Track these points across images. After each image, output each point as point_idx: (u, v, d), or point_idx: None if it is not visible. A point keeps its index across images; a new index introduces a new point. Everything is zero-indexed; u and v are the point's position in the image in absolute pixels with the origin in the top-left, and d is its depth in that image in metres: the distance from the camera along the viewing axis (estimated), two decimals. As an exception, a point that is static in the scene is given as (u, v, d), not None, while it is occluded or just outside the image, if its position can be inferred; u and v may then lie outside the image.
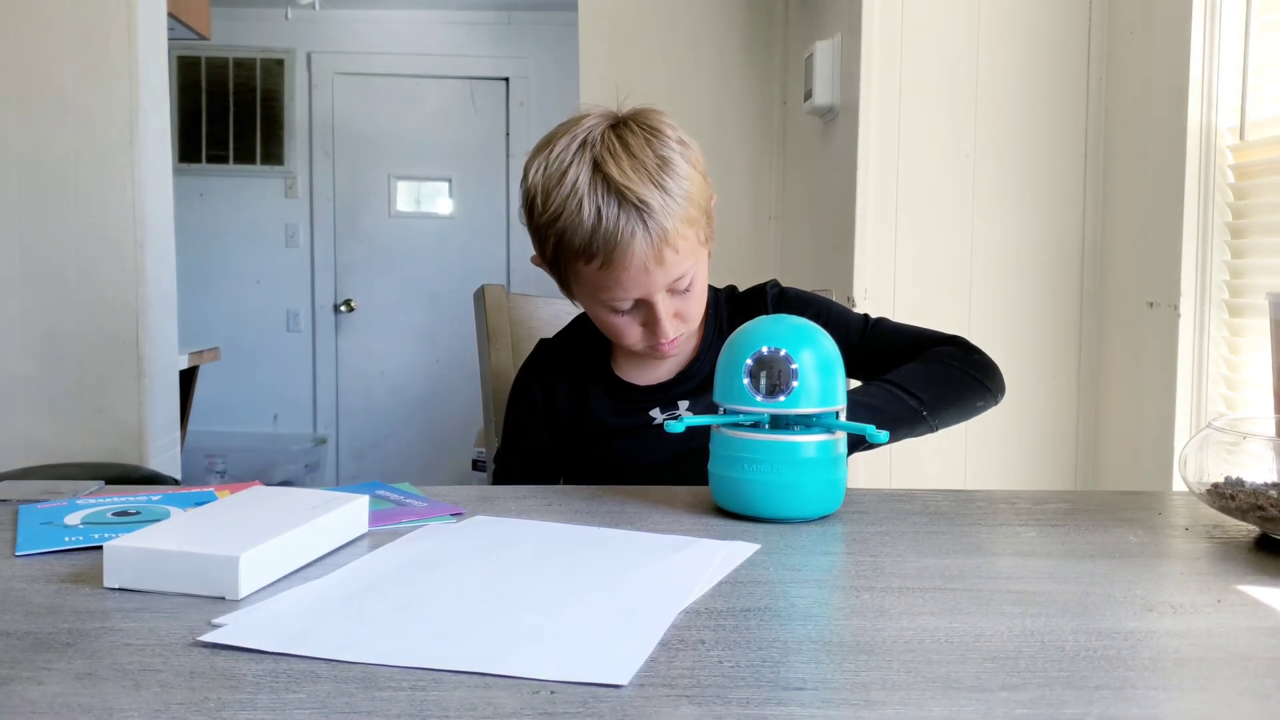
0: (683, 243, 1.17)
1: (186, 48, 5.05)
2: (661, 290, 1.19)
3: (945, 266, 2.19)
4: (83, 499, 0.98)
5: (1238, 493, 0.88)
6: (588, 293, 1.22)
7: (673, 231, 1.15)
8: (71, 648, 0.62)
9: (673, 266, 1.18)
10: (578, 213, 1.15)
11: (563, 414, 1.32)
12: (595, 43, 2.95)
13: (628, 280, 1.17)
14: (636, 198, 1.14)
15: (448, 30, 5.30)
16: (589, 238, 1.15)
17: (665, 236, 1.15)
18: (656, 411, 1.28)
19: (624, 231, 1.14)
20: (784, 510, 0.94)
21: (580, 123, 1.20)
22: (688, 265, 1.20)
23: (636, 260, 1.15)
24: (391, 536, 0.87)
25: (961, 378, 1.22)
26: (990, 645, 0.63)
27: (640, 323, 1.22)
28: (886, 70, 2.17)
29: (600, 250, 1.15)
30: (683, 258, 1.18)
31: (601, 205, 1.14)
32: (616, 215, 1.14)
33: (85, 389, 2.59)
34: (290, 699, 0.54)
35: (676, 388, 1.30)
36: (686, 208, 1.17)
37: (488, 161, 5.39)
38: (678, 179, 1.17)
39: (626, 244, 1.14)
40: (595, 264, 1.16)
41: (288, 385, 5.39)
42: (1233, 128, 1.76)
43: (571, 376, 1.33)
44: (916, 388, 1.17)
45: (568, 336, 1.38)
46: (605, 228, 1.14)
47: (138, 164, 2.57)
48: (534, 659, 0.60)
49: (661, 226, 1.15)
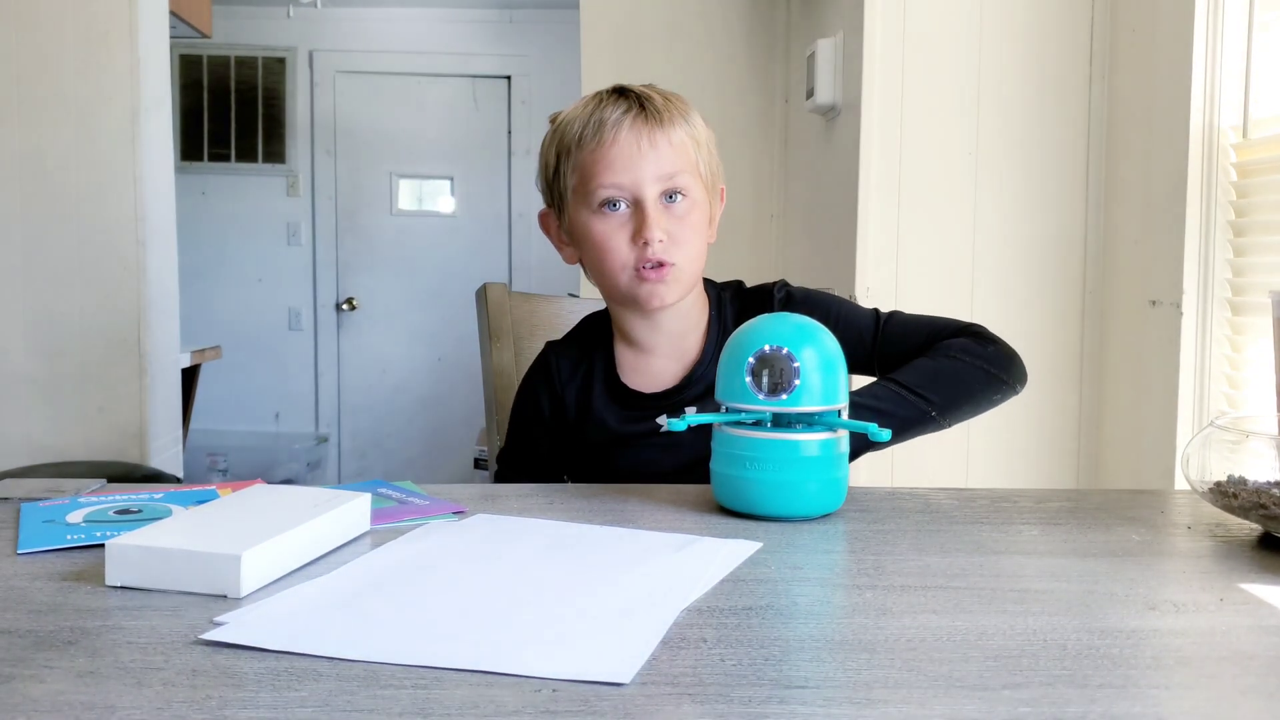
0: (680, 147, 1.22)
1: (188, 46, 5.05)
2: (651, 182, 1.20)
3: (947, 265, 2.19)
4: (85, 497, 0.98)
5: (1240, 491, 0.88)
6: (581, 197, 1.23)
7: (668, 124, 1.21)
8: (73, 646, 0.62)
9: (666, 157, 1.20)
10: (583, 108, 1.23)
11: (568, 418, 1.31)
12: (597, 41, 2.95)
13: (616, 156, 1.19)
14: (638, 91, 1.23)
15: (450, 28, 5.30)
16: (586, 120, 1.21)
17: (661, 123, 1.20)
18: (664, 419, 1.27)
19: (619, 108, 1.21)
20: (786, 508, 0.94)
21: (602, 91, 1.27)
22: (678, 170, 1.21)
23: (626, 134, 1.19)
24: (393, 535, 0.87)
25: (974, 372, 1.18)
26: (992, 644, 0.63)
27: (628, 234, 1.20)
28: (888, 68, 2.17)
29: (594, 128, 1.20)
30: (677, 155, 1.21)
31: (604, 96, 1.23)
32: (617, 100, 1.22)
33: (87, 387, 2.59)
34: (292, 697, 0.54)
35: (683, 393, 1.26)
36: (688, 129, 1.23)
37: (490, 160, 5.39)
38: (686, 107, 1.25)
39: (618, 119, 1.20)
40: (590, 146, 1.20)
41: (290, 384, 5.39)
42: (1235, 126, 1.76)
43: (577, 381, 1.31)
44: (924, 388, 1.14)
45: (573, 340, 1.36)
46: (603, 108, 1.21)
47: (139, 162, 2.57)
48: (536, 657, 0.60)
49: (658, 112, 1.21)
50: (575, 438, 1.31)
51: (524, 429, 1.35)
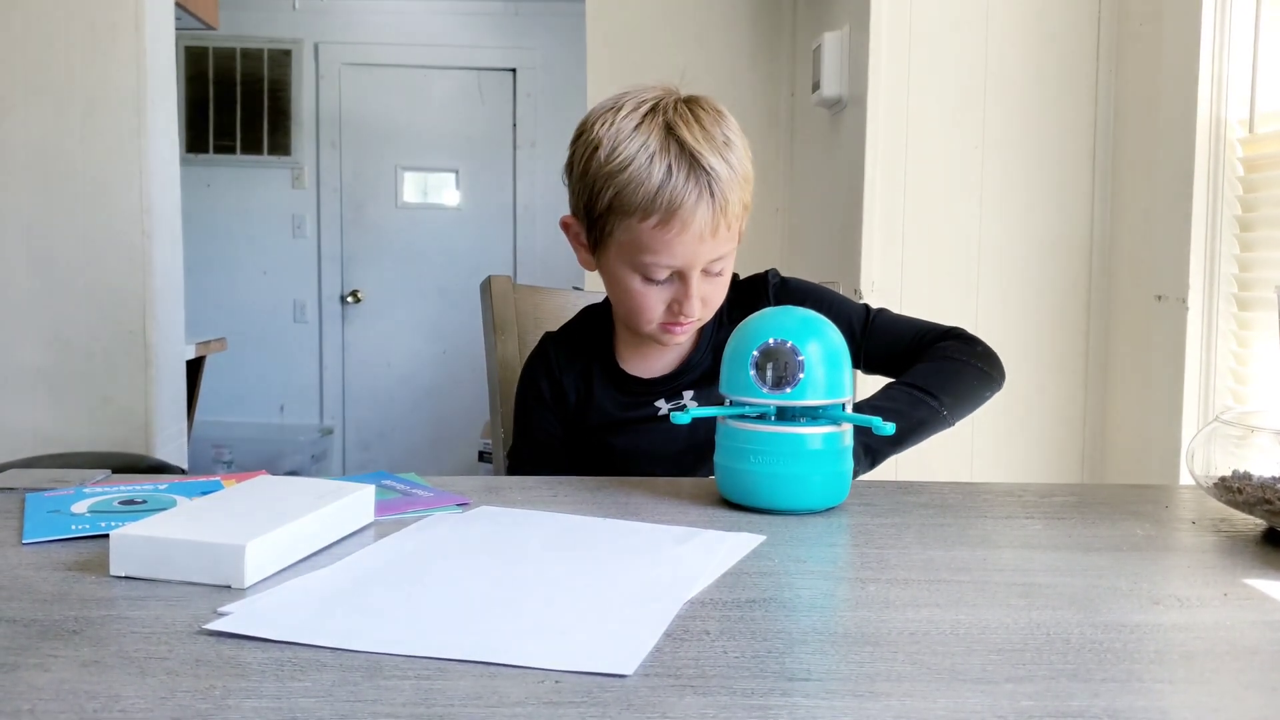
0: (734, 222, 1.19)
1: (194, 38, 5.05)
2: (703, 264, 1.19)
3: (953, 259, 2.19)
4: (89, 488, 0.99)
5: (1245, 486, 0.88)
6: (626, 255, 1.20)
7: (732, 205, 1.17)
8: (78, 635, 0.62)
9: (722, 242, 1.19)
10: (647, 167, 1.15)
11: (570, 405, 1.32)
12: (602, 33, 2.95)
13: (680, 245, 1.17)
14: (707, 164, 1.15)
15: (455, 21, 5.29)
16: (654, 193, 1.15)
17: (725, 208, 1.16)
18: (662, 403, 1.29)
19: (690, 193, 1.15)
20: (789, 502, 0.94)
21: (646, 90, 1.22)
22: (729, 247, 1.21)
23: (696, 225, 1.15)
24: (397, 526, 0.87)
25: (972, 372, 1.24)
26: (996, 637, 0.63)
27: (666, 299, 1.21)
28: (895, 62, 2.16)
29: (663, 208, 1.15)
30: (731, 237, 1.20)
31: (674, 164, 1.15)
32: (686, 176, 1.15)
33: (92, 378, 2.59)
34: (295, 687, 0.55)
35: (681, 378, 1.29)
36: (742, 190, 1.19)
37: (495, 153, 5.38)
38: (740, 160, 1.19)
39: (692, 207, 1.15)
40: (652, 221, 1.15)
41: (294, 376, 5.40)
42: (1242, 120, 1.76)
43: (577, 368, 1.32)
44: (935, 388, 1.19)
45: (572, 329, 1.37)
46: (674, 185, 1.14)
47: (145, 154, 2.57)
48: (539, 649, 0.60)
49: (725, 197, 1.16)
50: (575, 424, 1.32)
51: (529, 417, 1.35)
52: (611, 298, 1.29)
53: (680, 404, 1.28)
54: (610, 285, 1.26)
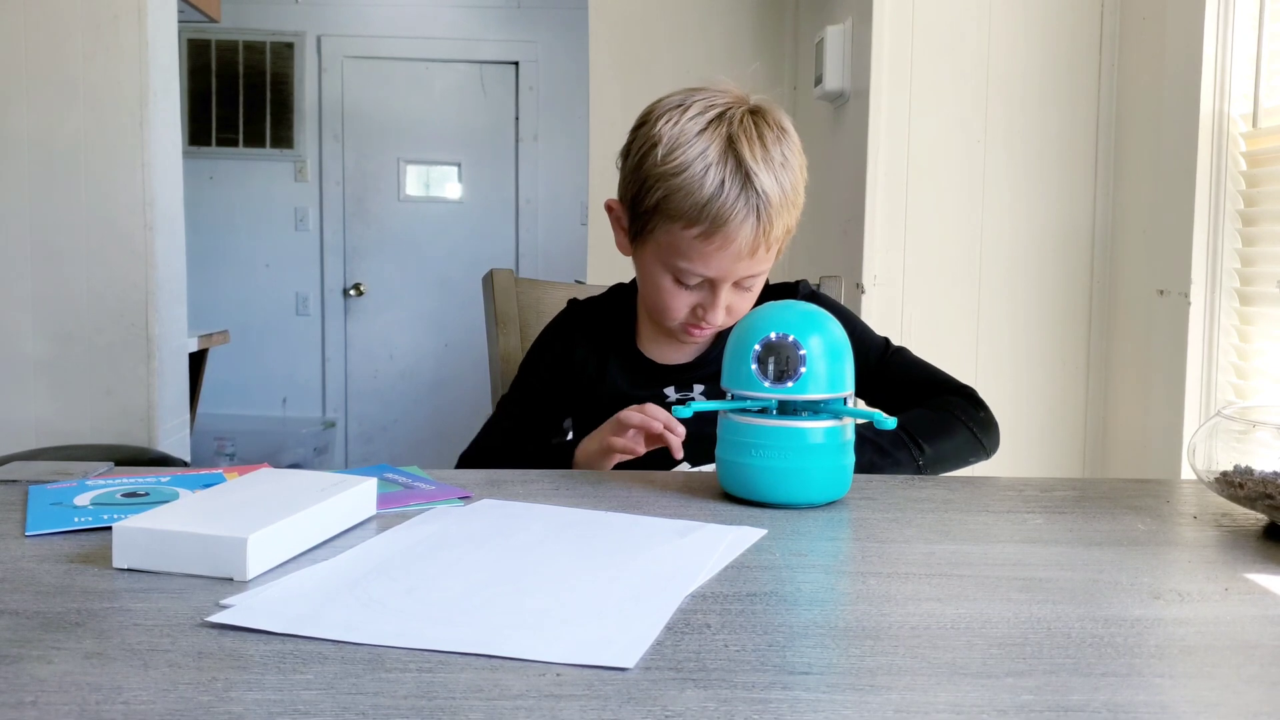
0: (774, 244, 1.19)
1: (196, 30, 5.05)
2: (735, 279, 1.20)
3: (955, 253, 2.18)
4: (92, 480, 0.99)
5: (1246, 481, 0.88)
6: (663, 255, 1.21)
7: (776, 229, 1.17)
8: (80, 627, 0.62)
9: (759, 262, 1.20)
10: (702, 176, 1.15)
11: (581, 375, 1.33)
12: (605, 27, 2.94)
13: (717, 259, 1.17)
14: (761, 186, 1.15)
15: (457, 14, 5.29)
16: (703, 205, 1.15)
17: (769, 232, 1.16)
18: (671, 390, 1.29)
19: (739, 213, 1.15)
20: (791, 496, 0.94)
21: (717, 95, 1.21)
22: (765, 267, 1.22)
23: (737, 244, 1.16)
24: (399, 519, 0.87)
25: (965, 435, 1.23)
26: (996, 631, 0.63)
27: (693, 302, 1.23)
28: (897, 56, 2.16)
29: (709, 220, 1.15)
30: (768, 258, 1.20)
31: (727, 180, 1.15)
32: (738, 195, 1.15)
33: (95, 371, 2.60)
34: (297, 679, 0.55)
35: (695, 370, 1.31)
36: (789, 215, 1.19)
37: (497, 146, 5.38)
38: (793, 184, 1.19)
39: (737, 225, 1.15)
40: (695, 231, 1.16)
41: (297, 369, 5.40)
42: (1245, 115, 1.75)
43: (596, 341, 1.34)
44: (923, 437, 1.19)
45: (598, 303, 1.39)
46: (724, 202, 1.14)
47: (147, 147, 2.58)
48: (540, 642, 0.60)
49: (770, 221, 1.16)
50: (587, 395, 1.33)
51: (530, 376, 1.37)
52: (641, 288, 1.30)
53: (689, 395, 1.29)
54: (642, 277, 1.28)
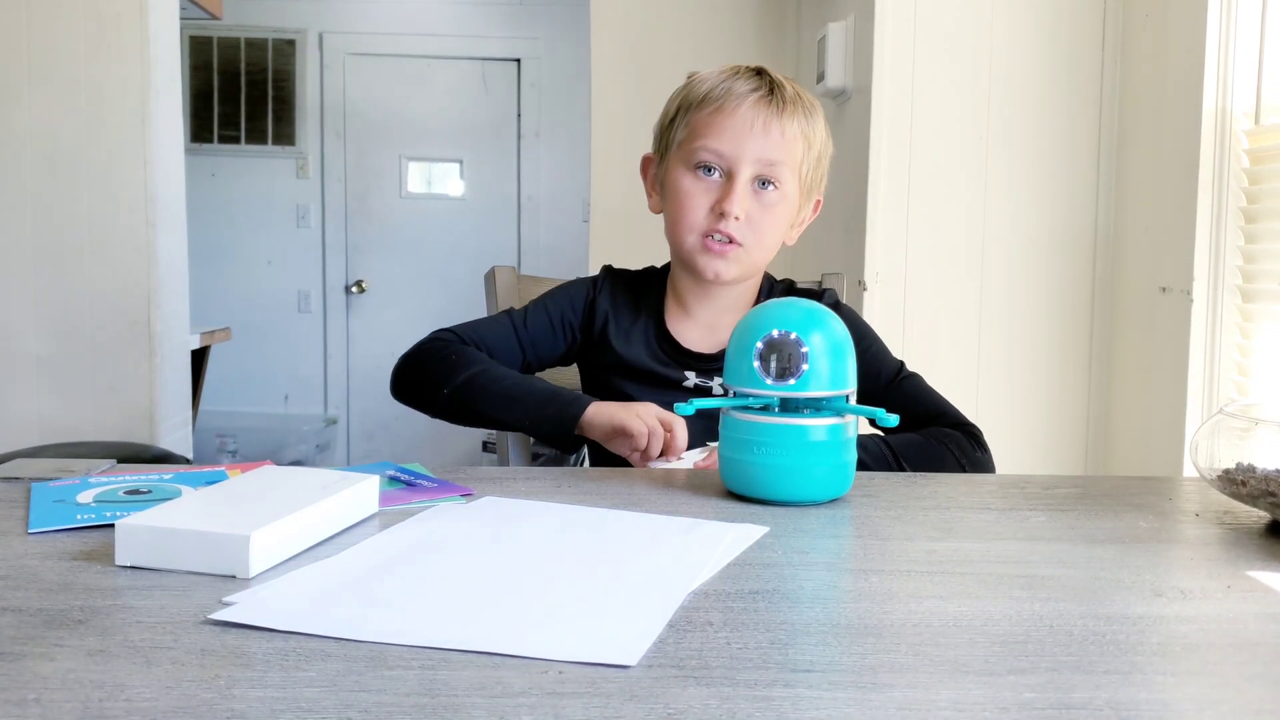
0: (791, 141, 1.24)
1: (198, 27, 5.04)
2: (750, 161, 1.23)
3: (957, 250, 2.18)
4: (95, 477, 0.99)
5: (1249, 478, 0.88)
6: (683, 153, 1.26)
7: (788, 115, 1.23)
8: (83, 625, 0.62)
9: (774, 144, 1.23)
10: (718, 74, 1.27)
11: (601, 325, 1.33)
12: (607, 23, 2.94)
13: (730, 128, 1.23)
14: (774, 79, 1.26)
15: (459, 11, 5.28)
16: (715, 84, 1.25)
17: (781, 112, 1.23)
18: (692, 375, 1.30)
19: (748, 85, 1.24)
20: (793, 493, 0.94)
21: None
22: (780, 158, 1.24)
23: (746, 111, 1.23)
24: (402, 517, 0.87)
25: (954, 470, 1.21)
26: (998, 629, 0.63)
27: (711, 200, 1.25)
28: (899, 53, 2.16)
29: (720, 95, 1.24)
30: (785, 147, 1.24)
31: (741, 71, 1.27)
32: (750, 76, 1.26)
33: (97, 368, 2.60)
34: (300, 677, 0.55)
35: (714, 361, 1.31)
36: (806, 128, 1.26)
37: (499, 143, 5.38)
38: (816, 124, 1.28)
39: (745, 95, 1.23)
40: (709, 108, 1.24)
41: (299, 365, 5.40)
42: (1248, 112, 1.75)
43: (623, 306, 1.35)
44: (911, 463, 1.19)
45: (632, 275, 1.40)
46: (735, 81, 1.25)
47: (149, 144, 2.58)
48: (543, 639, 0.60)
49: (783, 103, 1.24)
50: (600, 352, 1.34)
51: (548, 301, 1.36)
52: (666, 220, 1.32)
53: (708, 384, 1.30)
54: (667, 205, 1.30)
